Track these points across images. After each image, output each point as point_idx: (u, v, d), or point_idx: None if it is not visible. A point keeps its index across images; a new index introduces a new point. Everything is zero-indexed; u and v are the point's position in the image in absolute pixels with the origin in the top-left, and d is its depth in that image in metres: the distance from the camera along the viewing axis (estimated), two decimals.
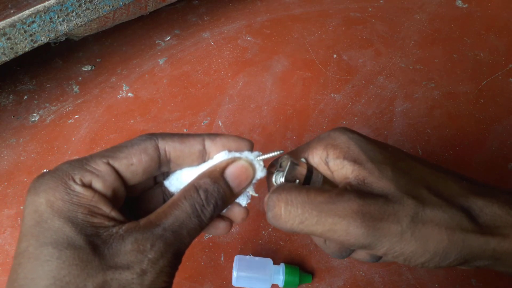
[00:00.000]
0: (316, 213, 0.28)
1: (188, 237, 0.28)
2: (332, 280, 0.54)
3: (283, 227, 0.29)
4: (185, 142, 0.31)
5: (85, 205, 0.26)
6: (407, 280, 0.54)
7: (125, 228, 0.26)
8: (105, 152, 0.29)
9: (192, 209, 0.28)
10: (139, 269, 0.25)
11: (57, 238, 0.25)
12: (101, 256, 0.25)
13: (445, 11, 0.87)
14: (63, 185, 0.27)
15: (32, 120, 0.70)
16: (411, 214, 0.27)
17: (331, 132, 0.32)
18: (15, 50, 0.54)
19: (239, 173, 0.31)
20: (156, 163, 0.30)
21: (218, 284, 0.53)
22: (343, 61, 0.78)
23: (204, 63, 0.78)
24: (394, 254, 0.27)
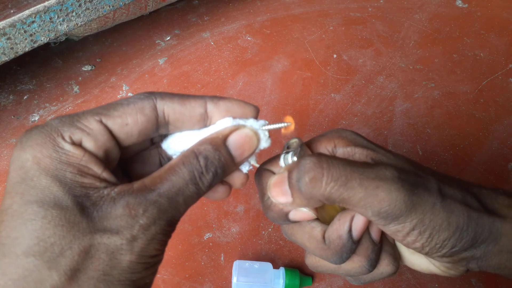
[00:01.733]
0: (358, 175, 0.27)
1: (184, 205, 0.26)
2: (332, 280, 0.54)
3: (319, 192, 0.27)
4: (185, 104, 0.29)
5: (74, 164, 0.25)
6: (407, 280, 0.54)
7: (117, 190, 0.25)
8: (99, 109, 0.27)
9: (190, 176, 0.26)
10: (129, 235, 0.24)
11: (43, 197, 0.23)
12: (89, 218, 0.24)
13: (445, 11, 0.87)
14: (52, 141, 0.25)
15: (32, 120, 0.70)
16: (436, 188, 0.28)
17: (332, 130, 0.32)
18: (15, 50, 0.54)
19: (243, 142, 0.29)
20: (153, 124, 0.28)
21: (218, 284, 0.53)
22: (343, 61, 0.78)
23: (204, 63, 0.78)
24: (422, 228, 0.27)
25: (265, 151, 0.33)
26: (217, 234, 0.57)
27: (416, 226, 0.27)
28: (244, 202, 0.60)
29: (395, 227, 0.27)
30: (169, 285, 0.53)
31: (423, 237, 0.27)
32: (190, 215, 0.59)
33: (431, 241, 0.27)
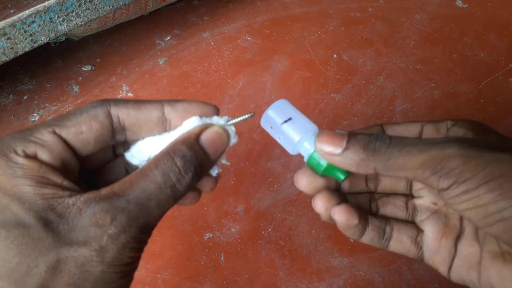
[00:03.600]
0: (414, 143, 0.27)
1: (157, 209, 0.25)
2: (332, 280, 0.54)
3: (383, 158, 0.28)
4: (140, 108, 0.28)
5: (31, 177, 0.24)
6: (407, 280, 0.54)
7: (84, 199, 0.24)
8: (51, 121, 0.27)
9: (165, 179, 0.25)
10: (97, 246, 0.23)
11: (4, 218, 0.22)
12: (54, 233, 0.23)
13: (445, 11, 0.87)
14: (4, 158, 0.24)
15: (32, 120, 0.70)
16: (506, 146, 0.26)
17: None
18: (15, 50, 0.54)
19: (215, 139, 0.29)
20: (108, 131, 0.27)
21: (218, 284, 0.53)
22: (343, 61, 0.78)
23: (204, 63, 0.78)
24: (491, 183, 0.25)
25: (233, 149, 0.33)
26: (217, 234, 0.57)
27: (482, 180, 0.25)
28: (244, 202, 0.60)
29: (459, 188, 0.25)
30: (169, 285, 0.53)
31: (495, 193, 0.24)
32: (190, 215, 0.59)
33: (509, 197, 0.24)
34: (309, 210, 0.59)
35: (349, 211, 0.31)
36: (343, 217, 0.31)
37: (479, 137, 0.29)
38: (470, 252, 0.31)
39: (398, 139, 0.28)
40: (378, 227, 0.33)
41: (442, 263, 0.33)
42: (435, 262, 0.33)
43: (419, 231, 0.34)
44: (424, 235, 0.34)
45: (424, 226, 0.34)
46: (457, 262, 0.32)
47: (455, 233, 0.33)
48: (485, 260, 0.30)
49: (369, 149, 0.28)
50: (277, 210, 0.59)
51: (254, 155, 0.64)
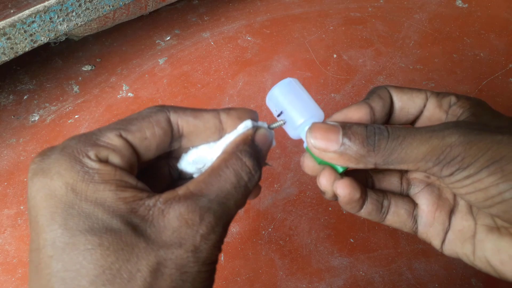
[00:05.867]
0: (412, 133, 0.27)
1: (235, 208, 0.26)
2: (332, 280, 0.54)
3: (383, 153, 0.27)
4: (198, 116, 0.28)
5: (110, 181, 0.23)
6: (407, 280, 0.54)
7: (163, 200, 0.24)
8: (116, 125, 0.26)
9: (238, 179, 0.26)
10: (192, 246, 0.23)
11: (92, 224, 0.22)
12: (145, 236, 0.22)
13: (445, 11, 0.87)
14: (79, 164, 0.23)
15: (32, 120, 0.70)
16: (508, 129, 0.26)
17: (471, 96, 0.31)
18: (15, 50, 0.54)
19: (265, 139, 0.30)
20: (169, 137, 0.27)
21: (218, 284, 0.53)
22: (343, 61, 0.78)
23: (204, 63, 0.78)
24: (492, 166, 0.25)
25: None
26: None
27: (484, 164, 0.25)
28: None
29: (461, 174, 0.26)
30: None
31: (496, 176, 0.25)
32: None
33: (509, 179, 0.25)
34: (309, 210, 0.59)
35: (351, 185, 0.32)
36: (346, 191, 0.32)
37: (478, 116, 0.29)
38: (464, 225, 0.32)
39: (397, 130, 0.27)
40: (376, 200, 0.34)
41: (436, 236, 0.33)
42: (428, 235, 0.34)
43: (415, 204, 0.34)
44: (419, 209, 0.34)
45: (418, 199, 0.34)
46: (450, 236, 0.32)
47: (448, 207, 0.33)
48: (479, 234, 0.31)
49: (369, 144, 0.28)
50: (277, 210, 0.59)
51: None
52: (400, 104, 0.32)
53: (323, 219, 0.59)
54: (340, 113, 0.32)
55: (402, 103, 0.32)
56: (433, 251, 0.56)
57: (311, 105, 0.33)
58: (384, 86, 0.32)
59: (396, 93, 0.32)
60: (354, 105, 0.32)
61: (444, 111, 0.31)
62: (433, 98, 0.31)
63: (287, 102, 0.33)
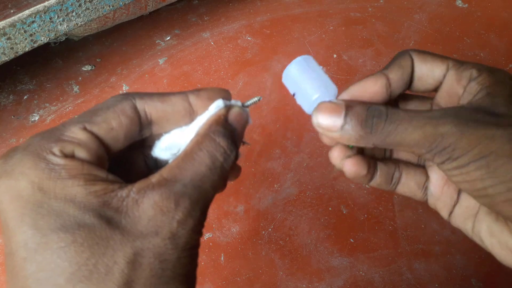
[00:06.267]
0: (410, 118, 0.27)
1: (212, 191, 0.25)
2: (332, 280, 0.54)
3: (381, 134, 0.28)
4: (166, 100, 0.27)
5: (77, 176, 0.23)
6: (407, 280, 0.54)
7: (136, 189, 0.23)
8: (79, 118, 0.25)
9: (213, 160, 0.25)
10: (169, 233, 0.23)
11: (63, 222, 0.22)
12: (120, 228, 0.22)
13: (445, 11, 0.87)
14: (43, 161, 0.23)
15: (32, 120, 0.70)
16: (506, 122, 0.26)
17: (495, 68, 0.30)
18: (15, 50, 0.54)
19: (239, 118, 0.29)
20: (137, 126, 0.27)
21: (218, 284, 0.53)
22: (343, 61, 0.78)
23: (204, 63, 0.78)
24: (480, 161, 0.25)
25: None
26: (217, 234, 0.57)
27: (472, 158, 0.26)
28: (244, 202, 0.60)
29: (451, 164, 0.27)
30: None
31: (482, 171, 0.25)
32: None
33: (494, 176, 0.25)
34: (309, 210, 0.59)
35: (358, 163, 0.32)
36: (352, 169, 0.33)
37: (493, 97, 0.28)
38: (470, 203, 0.32)
39: (395, 114, 0.28)
40: (386, 172, 0.34)
41: (443, 208, 0.34)
42: (437, 207, 0.35)
43: (427, 177, 0.35)
44: (430, 182, 0.35)
45: (430, 172, 0.35)
46: (457, 210, 0.33)
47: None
48: (480, 214, 0.32)
49: (367, 126, 0.28)
50: (277, 210, 0.59)
51: (254, 155, 0.64)
52: (419, 73, 0.32)
53: (323, 219, 0.59)
54: (357, 86, 0.32)
55: (421, 73, 0.32)
56: (433, 251, 0.56)
57: (325, 80, 0.33)
58: (409, 51, 0.32)
59: (418, 61, 0.32)
60: (372, 77, 0.32)
61: (462, 86, 0.30)
62: (453, 70, 0.31)
63: (301, 79, 0.33)
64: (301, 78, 0.33)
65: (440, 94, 0.32)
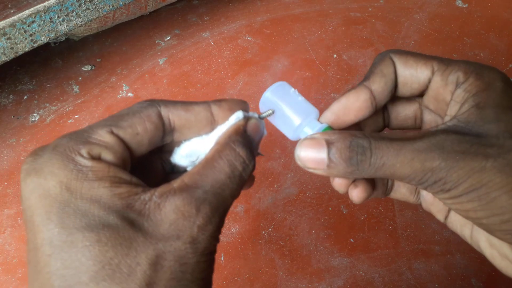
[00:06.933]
0: (397, 151, 0.26)
1: (231, 199, 0.26)
2: (332, 280, 0.54)
3: (364, 170, 0.27)
4: (189, 109, 0.28)
5: (103, 178, 0.23)
6: (407, 280, 0.54)
7: (158, 193, 0.24)
8: (106, 121, 0.26)
9: (232, 169, 0.26)
10: (190, 238, 0.23)
11: (88, 221, 0.22)
12: (143, 230, 0.23)
13: (445, 11, 0.87)
14: (71, 162, 0.23)
15: (32, 120, 0.70)
16: (494, 151, 0.25)
17: (485, 68, 0.29)
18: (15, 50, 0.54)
19: (256, 129, 0.30)
20: (160, 132, 0.27)
21: (218, 284, 0.53)
22: (343, 61, 0.78)
23: (204, 63, 0.78)
24: (472, 193, 0.25)
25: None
26: None
27: (463, 191, 0.25)
28: (244, 202, 0.60)
29: (443, 195, 0.26)
30: None
31: (474, 203, 0.25)
32: None
33: (487, 209, 0.25)
34: (309, 210, 0.59)
35: (364, 191, 0.33)
36: (360, 197, 0.33)
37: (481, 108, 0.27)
38: None
39: (379, 148, 0.27)
40: (382, 184, 0.35)
41: (438, 213, 0.35)
42: (431, 211, 0.35)
43: None
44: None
45: None
46: (453, 216, 0.33)
47: None
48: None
49: (352, 164, 0.27)
50: (277, 210, 0.59)
51: None
52: (402, 79, 0.31)
53: (323, 219, 0.59)
54: (340, 103, 0.32)
55: (405, 78, 0.31)
56: (433, 251, 0.56)
57: (305, 104, 0.33)
58: (389, 54, 0.31)
59: (400, 65, 0.31)
60: (353, 91, 0.31)
61: (449, 92, 0.29)
62: (438, 74, 0.30)
63: (281, 105, 0.33)
64: (279, 106, 0.33)
65: (427, 99, 0.32)
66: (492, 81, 0.28)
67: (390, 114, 0.35)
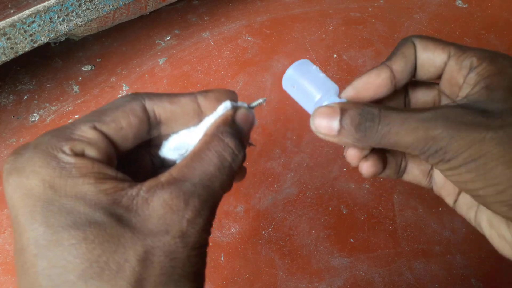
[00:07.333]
0: (403, 120, 0.27)
1: (221, 190, 0.26)
2: (332, 280, 0.54)
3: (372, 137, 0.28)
4: (175, 101, 0.28)
5: (88, 175, 0.23)
6: (407, 280, 0.54)
7: (146, 188, 0.23)
8: (89, 117, 0.25)
9: (221, 160, 0.26)
10: (179, 232, 0.23)
11: (74, 219, 0.22)
12: (130, 226, 0.22)
13: (445, 11, 0.87)
14: (54, 159, 0.23)
15: (32, 120, 0.70)
16: (497, 123, 0.26)
17: (499, 54, 0.29)
18: (15, 50, 0.54)
19: (246, 118, 0.30)
20: (146, 125, 0.27)
21: (218, 284, 0.53)
22: (343, 61, 0.78)
23: (204, 63, 0.78)
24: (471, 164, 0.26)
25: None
26: (217, 234, 0.57)
27: (462, 162, 0.26)
28: (244, 202, 0.60)
29: (443, 166, 0.27)
30: None
31: (472, 174, 0.26)
32: None
33: (484, 179, 0.26)
34: (309, 210, 0.59)
35: (374, 165, 0.33)
36: (369, 171, 0.33)
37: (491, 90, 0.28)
38: None
39: (387, 117, 0.28)
40: (395, 164, 0.35)
41: (448, 196, 0.35)
42: (442, 194, 0.36)
43: (431, 165, 0.35)
44: (434, 170, 0.35)
45: None
46: (461, 199, 0.34)
47: None
48: (481, 205, 0.32)
49: (360, 130, 0.28)
50: (277, 210, 0.59)
51: (254, 155, 0.64)
52: (420, 61, 0.32)
53: (323, 219, 0.59)
54: (361, 80, 0.33)
55: (422, 61, 0.32)
56: (433, 251, 0.56)
57: (326, 81, 0.34)
58: (411, 38, 0.32)
59: (420, 48, 0.31)
60: (375, 70, 0.32)
61: (462, 76, 0.30)
62: (453, 59, 0.30)
63: (303, 81, 0.34)
64: (301, 82, 0.34)
65: (443, 83, 0.32)
66: (504, 67, 0.28)
67: (411, 99, 0.36)
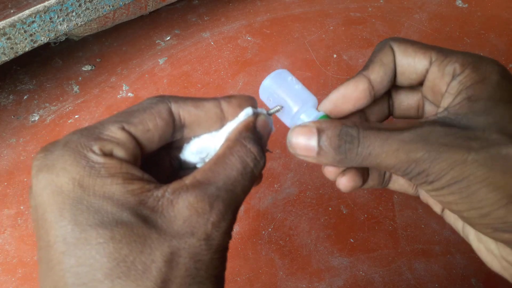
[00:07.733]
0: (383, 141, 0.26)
1: (243, 195, 0.26)
2: (332, 280, 0.54)
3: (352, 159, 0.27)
4: (199, 106, 0.28)
5: (116, 175, 0.23)
6: (407, 280, 0.54)
7: (171, 190, 0.24)
8: (117, 117, 0.26)
9: (244, 165, 0.26)
10: (204, 235, 0.23)
11: (102, 218, 0.22)
12: (157, 227, 0.22)
13: (445, 11, 0.87)
14: (83, 158, 0.23)
15: (32, 120, 0.70)
16: (478, 144, 0.25)
17: (483, 60, 0.28)
18: (15, 50, 0.54)
19: (265, 125, 0.30)
20: (171, 128, 0.27)
21: None
22: (343, 61, 0.78)
23: (204, 63, 0.78)
24: (454, 186, 0.25)
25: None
26: None
27: (445, 183, 0.25)
28: (244, 202, 0.60)
29: (427, 187, 0.27)
30: None
31: (456, 196, 0.25)
32: None
33: (467, 202, 0.25)
34: (309, 210, 0.59)
35: (352, 180, 0.32)
36: (347, 186, 0.33)
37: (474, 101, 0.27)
38: None
39: (366, 137, 0.27)
40: (378, 174, 0.35)
41: (435, 205, 0.35)
42: (429, 203, 0.35)
43: None
44: None
45: None
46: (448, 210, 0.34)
47: None
48: None
49: (340, 152, 0.28)
50: (277, 210, 0.59)
51: None
52: (400, 67, 0.31)
53: (323, 219, 0.59)
54: (338, 93, 0.32)
55: (403, 67, 0.31)
56: (433, 251, 0.56)
57: (304, 92, 0.33)
58: (389, 42, 0.31)
59: (399, 53, 0.30)
60: (352, 81, 0.31)
61: (445, 83, 0.29)
62: (436, 65, 0.29)
63: (279, 92, 0.33)
64: (277, 93, 0.33)
65: (425, 89, 0.32)
66: (488, 74, 0.28)
67: (394, 102, 0.35)
